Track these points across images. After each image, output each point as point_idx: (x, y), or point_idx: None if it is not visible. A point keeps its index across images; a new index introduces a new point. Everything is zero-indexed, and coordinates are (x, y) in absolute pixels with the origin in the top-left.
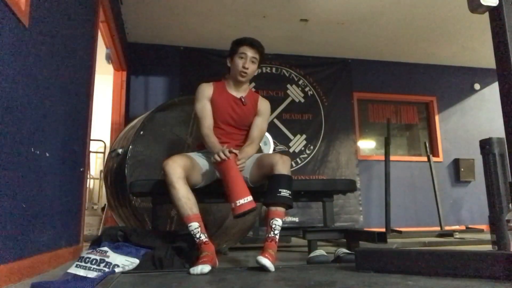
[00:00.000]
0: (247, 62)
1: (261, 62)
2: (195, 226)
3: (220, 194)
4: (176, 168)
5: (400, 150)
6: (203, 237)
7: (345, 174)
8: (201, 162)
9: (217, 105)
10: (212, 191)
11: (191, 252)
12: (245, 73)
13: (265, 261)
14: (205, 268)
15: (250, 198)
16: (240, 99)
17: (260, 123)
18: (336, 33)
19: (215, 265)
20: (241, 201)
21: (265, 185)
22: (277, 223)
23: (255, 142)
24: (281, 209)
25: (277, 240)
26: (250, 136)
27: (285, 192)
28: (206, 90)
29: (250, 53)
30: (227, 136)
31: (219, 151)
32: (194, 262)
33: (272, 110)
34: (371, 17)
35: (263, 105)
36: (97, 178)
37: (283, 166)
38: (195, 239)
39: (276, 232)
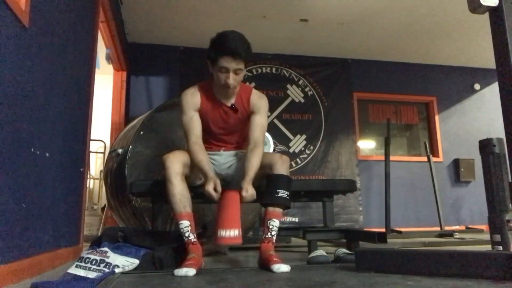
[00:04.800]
0: (231, 77)
1: (248, 63)
2: (185, 224)
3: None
4: (176, 163)
5: (400, 150)
6: (192, 237)
7: (345, 174)
8: None
9: (206, 115)
10: None
11: None
12: (230, 87)
13: (284, 267)
14: (190, 271)
15: (236, 232)
16: (231, 107)
17: (258, 121)
18: (336, 33)
19: (201, 267)
20: (224, 233)
21: (263, 185)
22: (274, 224)
23: (258, 145)
24: (278, 210)
25: (274, 241)
26: (252, 138)
27: (283, 193)
28: (193, 100)
29: (232, 65)
30: (221, 140)
31: (211, 184)
32: (181, 262)
33: (272, 110)
34: (371, 17)
35: (257, 100)
36: (97, 178)
37: (282, 166)
38: (184, 237)
39: (273, 233)
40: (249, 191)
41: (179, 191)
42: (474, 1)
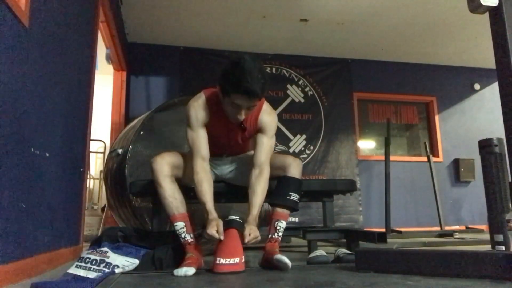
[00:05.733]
0: (243, 114)
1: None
2: (180, 226)
3: (218, 194)
4: (163, 166)
5: (400, 150)
6: (188, 238)
7: (345, 174)
8: None
9: (213, 130)
10: None
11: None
12: (240, 122)
13: (285, 259)
14: (189, 271)
15: (237, 259)
16: (240, 125)
17: (266, 142)
18: (336, 33)
19: (201, 266)
20: (223, 261)
21: (273, 185)
22: (282, 225)
23: (263, 169)
24: (287, 212)
25: (279, 241)
26: (257, 161)
27: (294, 196)
28: (201, 115)
29: (246, 103)
30: (225, 150)
31: (214, 227)
32: (180, 262)
33: None
34: (371, 17)
35: (267, 118)
36: (97, 178)
37: (296, 170)
38: (180, 239)
39: (279, 234)
40: (252, 235)
41: (170, 193)
42: (474, 1)
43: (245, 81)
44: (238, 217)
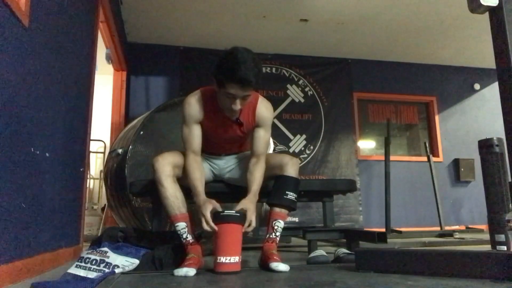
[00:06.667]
0: (237, 103)
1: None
2: (181, 226)
3: (218, 194)
4: (165, 166)
5: (400, 150)
6: (190, 238)
7: (345, 174)
8: None
9: (209, 127)
10: (209, 192)
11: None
12: (235, 112)
13: (282, 266)
14: (190, 271)
15: (236, 258)
16: (236, 121)
17: (263, 135)
18: (336, 33)
19: (201, 266)
20: (224, 259)
21: (270, 185)
22: (280, 225)
23: (261, 159)
24: (285, 211)
25: (277, 241)
26: (255, 151)
27: (291, 195)
28: (196, 111)
29: (241, 93)
30: (222, 147)
31: (205, 207)
32: (181, 262)
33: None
34: (371, 17)
35: (264, 113)
36: (97, 178)
37: (292, 168)
38: (182, 239)
39: (277, 233)
40: (252, 223)
41: (172, 193)
42: (474, 1)
43: (238, 69)
44: (234, 212)
